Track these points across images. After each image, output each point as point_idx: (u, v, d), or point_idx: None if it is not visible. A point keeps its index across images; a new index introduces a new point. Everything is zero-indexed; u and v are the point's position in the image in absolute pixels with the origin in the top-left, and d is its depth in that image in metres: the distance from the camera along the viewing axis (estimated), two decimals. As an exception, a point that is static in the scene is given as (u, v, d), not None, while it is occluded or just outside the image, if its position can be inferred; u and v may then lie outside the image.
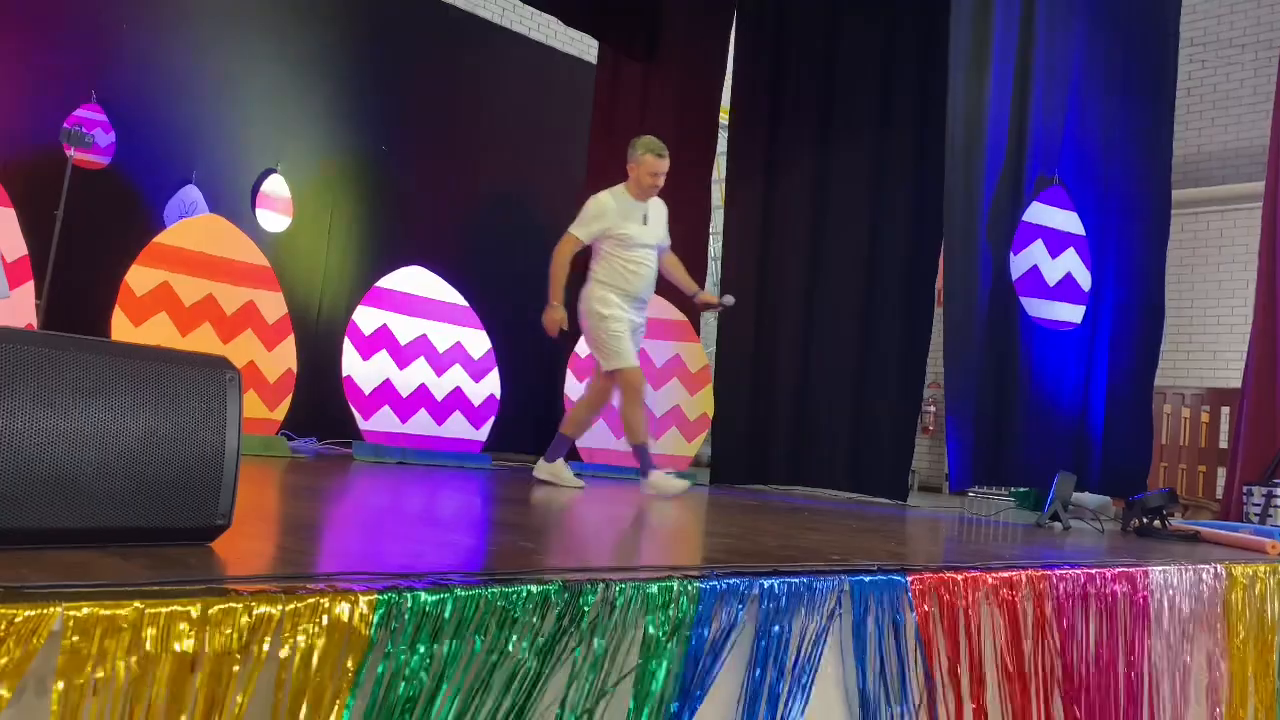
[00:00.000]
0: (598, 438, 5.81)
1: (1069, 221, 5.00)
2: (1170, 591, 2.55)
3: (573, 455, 5.86)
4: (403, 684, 1.21)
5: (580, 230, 4.61)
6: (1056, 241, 4.95)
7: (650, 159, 4.52)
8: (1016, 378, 4.84)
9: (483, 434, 5.71)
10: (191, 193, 5.99)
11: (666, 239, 4.75)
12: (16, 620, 0.96)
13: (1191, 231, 8.35)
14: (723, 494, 5.04)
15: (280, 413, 4.97)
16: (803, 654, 1.69)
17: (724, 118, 7.09)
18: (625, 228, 4.53)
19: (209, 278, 4.77)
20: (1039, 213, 4.93)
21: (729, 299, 4.85)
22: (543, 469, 4.52)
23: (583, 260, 4.72)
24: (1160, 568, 2.55)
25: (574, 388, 5.87)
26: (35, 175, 5.19)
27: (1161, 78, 5.46)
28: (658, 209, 4.71)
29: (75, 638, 0.99)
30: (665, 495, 4.15)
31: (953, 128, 4.76)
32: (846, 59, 6.13)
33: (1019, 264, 4.89)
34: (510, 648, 1.32)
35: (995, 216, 4.89)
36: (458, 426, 5.61)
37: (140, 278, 4.58)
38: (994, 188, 4.89)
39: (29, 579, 1.06)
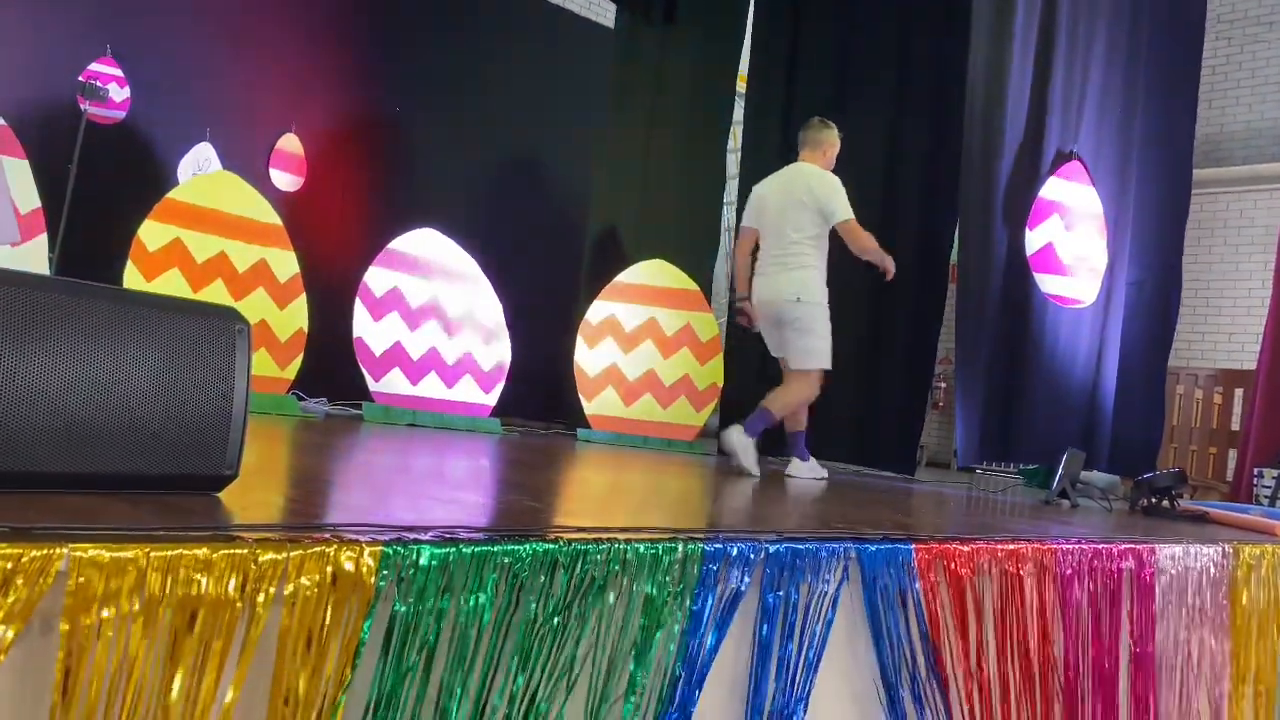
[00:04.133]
0: (607, 405, 5.81)
1: (1086, 198, 4.96)
2: (1177, 569, 2.55)
3: (582, 422, 5.88)
4: (406, 636, 1.21)
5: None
6: (1073, 218, 4.91)
7: (839, 141, 4.42)
8: (1028, 354, 4.82)
9: (492, 398, 5.71)
10: (205, 150, 5.97)
11: None
12: (24, 560, 0.96)
13: (1210, 211, 8.27)
14: (730, 463, 5.03)
15: (291, 372, 4.98)
16: (810, 620, 1.69)
17: (741, 86, 7.03)
18: None
19: (221, 235, 4.77)
20: (1056, 188, 4.89)
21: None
22: (799, 468, 4.27)
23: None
24: (1167, 546, 2.55)
25: (585, 355, 5.86)
26: (50, 128, 5.18)
27: (1187, 54, 5.39)
28: None
29: (81, 579, 0.99)
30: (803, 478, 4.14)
31: (972, 100, 4.71)
32: (864, 28, 6.06)
33: (1034, 240, 4.85)
34: (514, 604, 1.32)
35: (1012, 192, 4.84)
36: (468, 390, 5.61)
37: (153, 233, 4.58)
38: (1011, 162, 4.84)
39: (36, 521, 1.07)
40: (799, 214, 4.23)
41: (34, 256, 4.43)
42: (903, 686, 1.85)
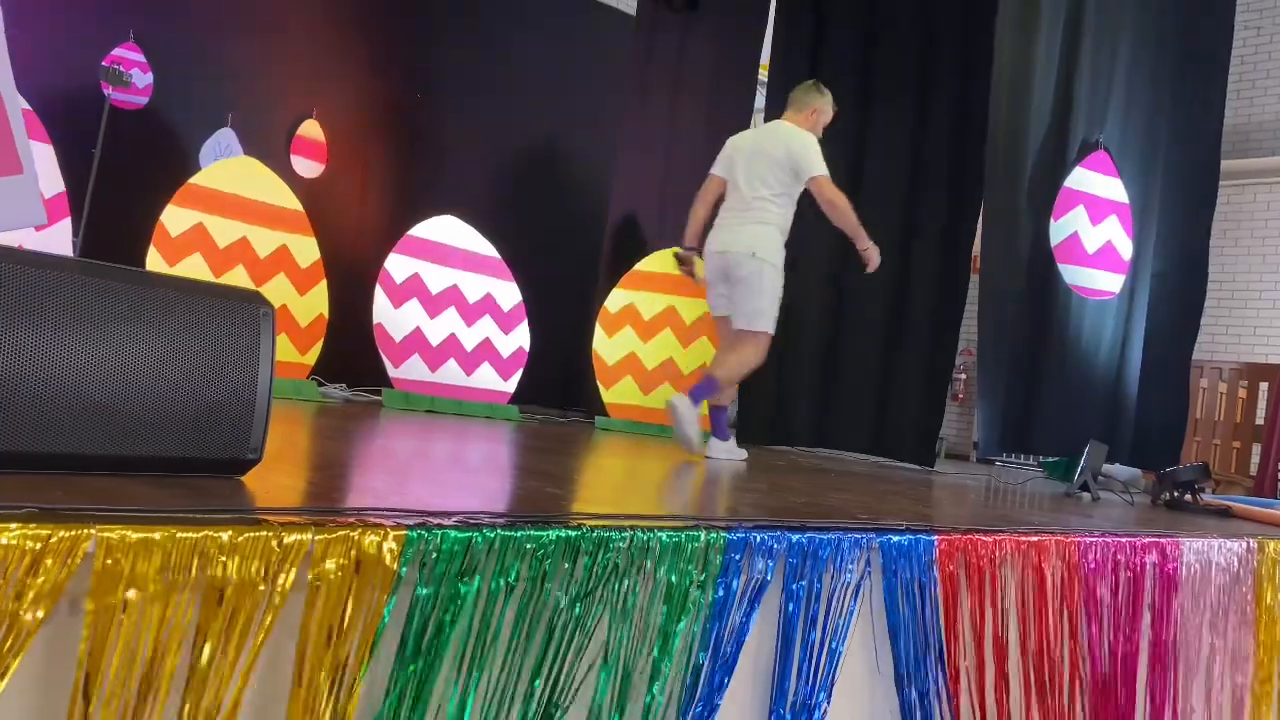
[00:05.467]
0: (625, 393, 5.81)
1: (1112, 188, 4.90)
2: (1201, 563, 2.52)
3: (600, 411, 5.88)
4: (428, 620, 1.21)
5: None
6: (1098, 208, 4.86)
7: (832, 111, 4.25)
8: (1051, 346, 4.78)
9: (511, 386, 5.72)
10: (227, 135, 5.99)
11: None
12: (53, 540, 0.96)
13: (1237, 204, 8.16)
14: (748, 452, 5.02)
15: (311, 357, 5.00)
16: (833, 610, 1.68)
17: (763, 74, 6.99)
18: None
19: (243, 220, 4.79)
20: (1081, 178, 4.84)
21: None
22: (717, 448, 4.05)
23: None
24: (1192, 540, 2.52)
25: (603, 343, 5.86)
26: (73, 113, 5.20)
27: (1216, 44, 5.31)
28: None
29: (108, 560, 0.99)
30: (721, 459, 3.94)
31: (997, 89, 4.66)
32: (888, 16, 6.01)
33: (1059, 230, 4.80)
34: (536, 590, 1.32)
35: (1036, 181, 4.80)
36: (486, 377, 5.62)
37: (175, 218, 4.61)
38: (1037, 152, 4.79)
39: (63, 502, 1.07)
40: (769, 168, 4.04)
41: (58, 241, 4.46)
42: (918, 677, 1.84)
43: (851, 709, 1.79)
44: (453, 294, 5.54)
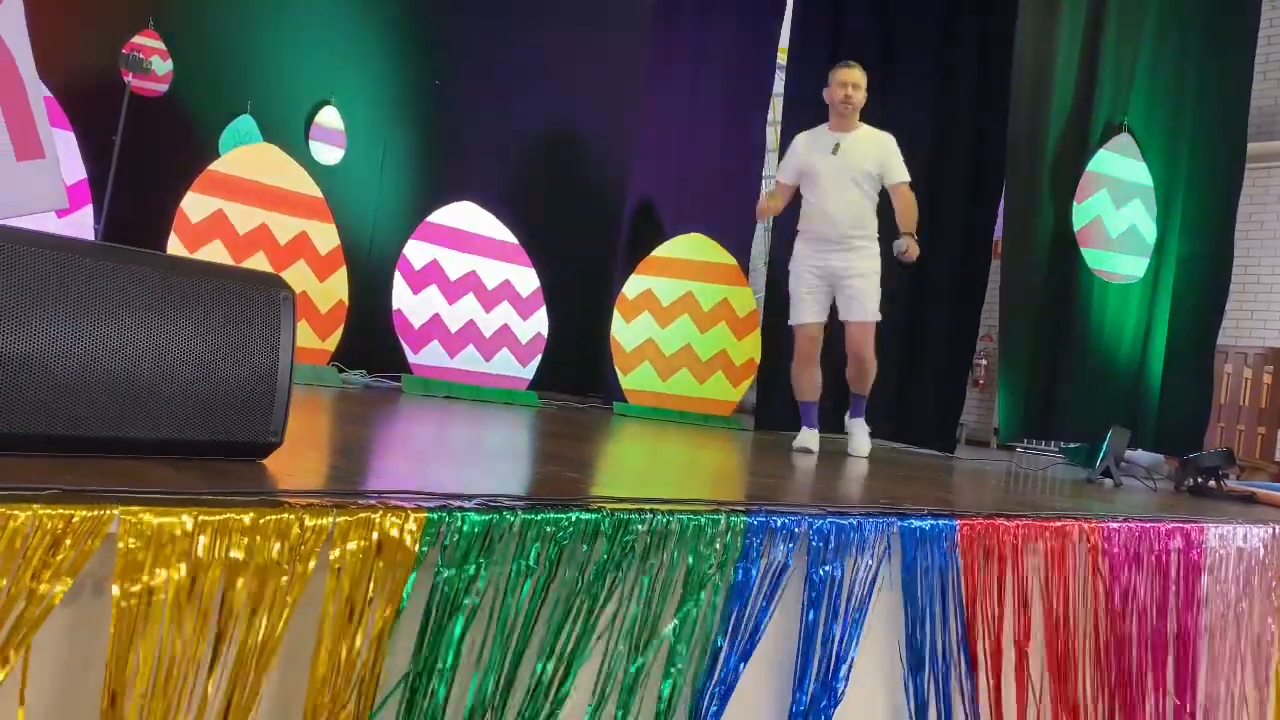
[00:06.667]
0: (643, 380, 5.80)
1: (1136, 171, 4.85)
2: (1226, 549, 2.50)
3: (619, 396, 5.88)
4: (449, 601, 1.21)
5: (781, 174, 4.33)
6: (1122, 192, 4.81)
7: (837, 73, 4.16)
8: (1074, 331, 4.74)
9: (529, 372, 5.72)
10: (247, 122, 6.01)
11: (887, 172, 4.19)
12: (75, 521, 0.97)
13: (1263, 186, 8.05)
14: (767, 438, 5.02)
15: (331, 343, 5.02)
16: (854, 596, 1.68)
17: (782, 58, 6.94)
18: (810, 161, 4.19)
19: (263, 207, 4.80)
20: (1105, 161, 4.78)
21: (907, 256, 4.20)
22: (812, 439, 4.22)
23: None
24: (1217, 526, 2.50)
25: (622, 329, 5.85)
26: (94, 100, 5.22)
27: (1242, 25, 5.23)
28: (866, 139, 4.21)
29: (131, 542, 1.00)
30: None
31: (1019, 70, 4.61)
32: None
33: (1081, 214, 4.75)
34: (555, 573, 1.32)
35: (1059, 165, 4.75)
36: (505, 363, 5.63)
37: (196, 205, 4.63)
38: (1059, 134, 4.74)
39: (86, 484, 1.08)
40: None
41: (79, 228, 4.49)
42: (936, 663, 1.83)
43: (870, 694, 1.79)
44: (471, 280, 5.54)
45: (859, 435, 4.31)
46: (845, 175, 4.13)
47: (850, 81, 4.12)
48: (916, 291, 5.63)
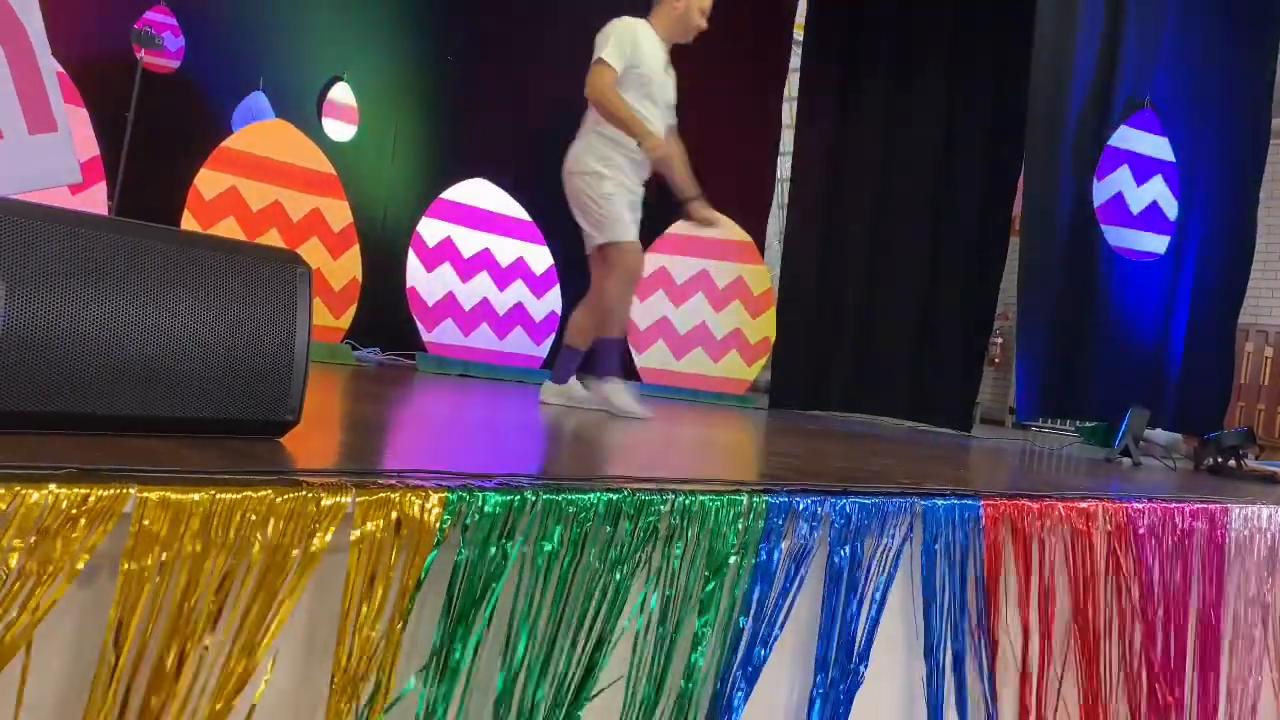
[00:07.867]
0: (657, 358, 5.78)
1: (1158, 147, 4.78)
2: (1249, 530, 2.47)
3: (633, 375, 5.85)
4: (469, 582, 1.20)
5: (614, 56, 3.49)
6: (1144, 168, 4.74)
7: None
8: (1093, 309, 4.69)
9: (543, 350, 5.71)
10: (259, 99, 5.98)
11: (673, 114, 3.69)
12: (91, 499, 0.95)
13: (1285, 164, 7.95)
14: (782, 417, 4.99)
15: (345, 321, 5.01)
16: (875, 576, 1.66)
17: (798, 33, 6.87)
18: (650, 66, 3.54)
19: (276, 184, 4.79)
20: (1126, 137, 4.72)
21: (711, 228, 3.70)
22: (550, 391, 3.71)
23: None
24: (1239, 506, 2.46)
25: (635, 308, 5.82)
26: (106, 77, 5.20)
27: (1267, 0, 5.14)
28: (671, 72, 3.69)
29: (146, 521, 0.98)
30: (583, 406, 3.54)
31: (1039, 45, 4.54)
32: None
33: (1102, 191, 4.69)
34: (577, 553, 1.30)
35: (1080, 140, 4.68)
36: (519, 342, 5.62)
37: (209, 182, 4.61)
38: (1080, 110, 4.68)
39: (102, 462, 1.06)
40: None
41: (93, 205, 4.48)
42: (957, 645, 1.81)
43: (891, 675, 1.77)
44: (485, 258, 5.52)
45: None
46: (671, 100, 3.72)
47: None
48: (932, 269, 5.59)
